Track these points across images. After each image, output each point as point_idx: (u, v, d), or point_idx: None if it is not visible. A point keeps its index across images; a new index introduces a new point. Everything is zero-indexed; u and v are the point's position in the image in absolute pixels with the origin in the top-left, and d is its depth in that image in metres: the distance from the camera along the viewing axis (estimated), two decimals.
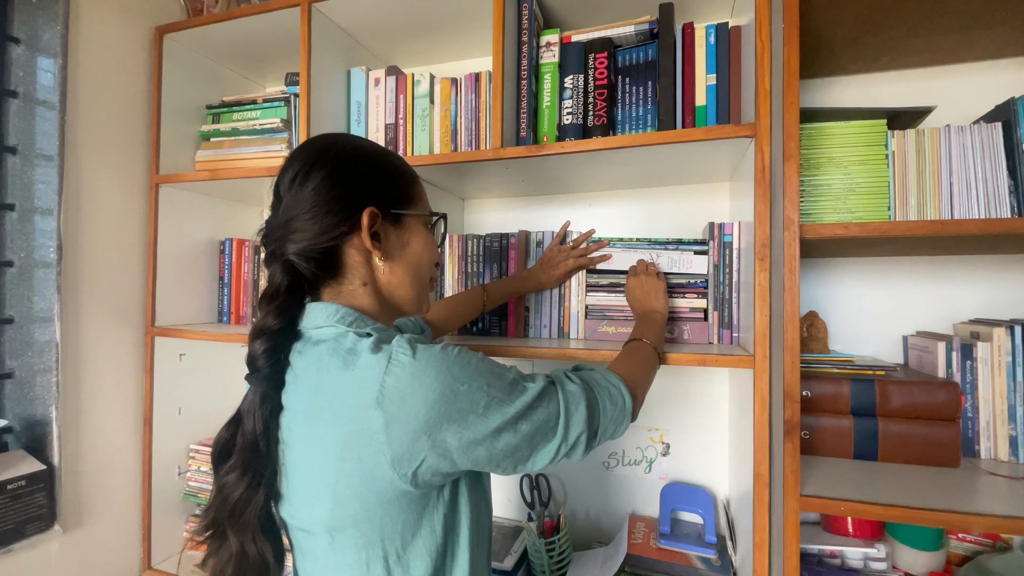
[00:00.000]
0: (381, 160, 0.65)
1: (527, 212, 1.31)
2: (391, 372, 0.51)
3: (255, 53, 1.35)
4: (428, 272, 0.68)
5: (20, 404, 1.12)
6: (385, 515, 0.53)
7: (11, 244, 1.13)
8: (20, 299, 1.12)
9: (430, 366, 0.51)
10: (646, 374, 0.75)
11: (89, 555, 1.16)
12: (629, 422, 0.65)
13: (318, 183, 0.59)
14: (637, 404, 0.68)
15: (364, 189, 0.61)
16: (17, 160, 1.14)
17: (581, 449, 0.59)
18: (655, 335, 0.83)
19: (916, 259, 1.03)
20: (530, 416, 0.55)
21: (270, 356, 0.57)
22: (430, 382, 0.51)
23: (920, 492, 0.72)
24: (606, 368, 0.70)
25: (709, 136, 0.85)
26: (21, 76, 1.15)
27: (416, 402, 0.50)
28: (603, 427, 0.62)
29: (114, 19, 1.22)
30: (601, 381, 0.65)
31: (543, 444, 0.57)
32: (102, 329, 1.19)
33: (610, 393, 0.64)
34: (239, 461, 0.57)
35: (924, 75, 1.00)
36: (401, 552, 0.55)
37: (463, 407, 0.51)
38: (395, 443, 0.50)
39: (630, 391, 0.66)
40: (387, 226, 0.63)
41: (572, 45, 1.05)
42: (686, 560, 0.99)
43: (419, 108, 1.15)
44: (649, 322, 0.88)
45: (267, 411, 0.57)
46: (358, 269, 0.61)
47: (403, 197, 0.65)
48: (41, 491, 1.07)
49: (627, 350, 0.79)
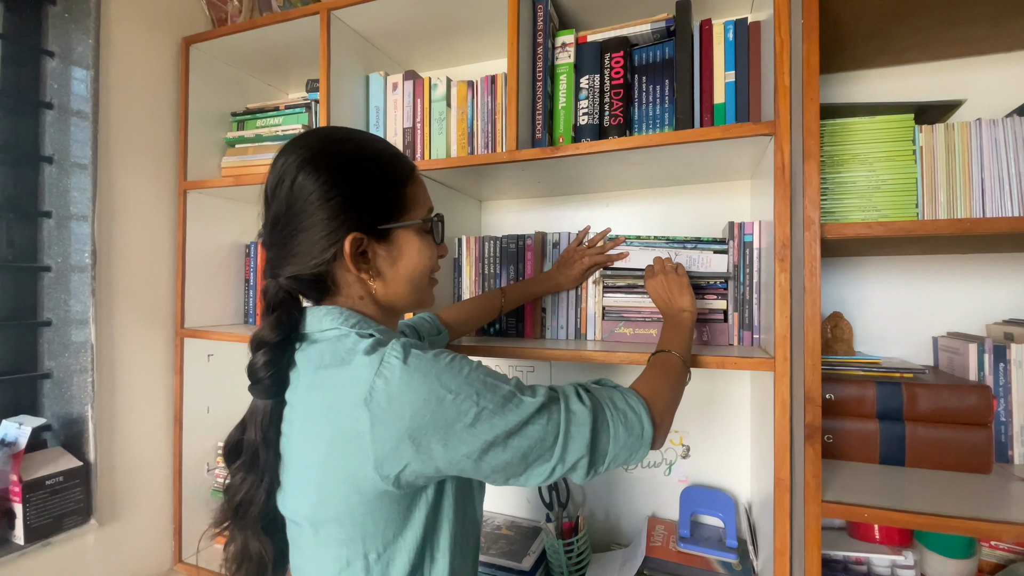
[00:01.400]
0: (363, 172, 0.59)
1: (544, 213, 1.31)
2: (381, 374, 0.51)
3: (277, 60, 1.38)
4: (426, 276, 0.66)
5: (58, 403, 1.18)
6: (367, 513, 0.54)
7: (49, 250, 1.18)
8: (57, 302, 1.17)
9: (419, 371, 0.52)
10: (674, 395, 0.69)
11: (123, 549, 1.21)
12: (648, 450, 0.61)
13: (301, 206, 0.57)
14: (661, 432, 0.63)
15: (345, 213, 0.57)
16: (54, 169, 1.19)
17: (582, 472, 0.56)
18: (683, 343, 0.78)
19: (947, 257, 0.99)
20: (524, 432, 0.53)
21: (270, 367, 0.59)
22: (417, 387, 0.51)
23: (949, 499, 0.70)
24: (631, 386, 0.66)
25: (727, 135, 0.83)
26: (56, 88, 1.20)
27: (402, 406, 0.50)
28: (612, 454, 0.58)
29: (143, 31, 1.26)
30: (620, 403, 0.60)
31: (538, 463, 0.54)
32: (134, 331, 1.24)
33: (626, 418, 0.59)
34: (244, 462, 0.60)
35: (954, 67, 0.96)
36: (381, 550, 0.55)
37: (449, 416, 0.51)
38: (379, 444, 0.50)
39: (653, 418, 0.61)
40: (374, 245, 0.60)
41: (588, 45, 1.04)
42: (706, 564, 0.98)
43: (436, 111, 1.16)
44: (677, 325, 0.83)
45: (268, 419, 0.60)
46: (352, 286, 0.61)
47: (390, 210, 0.61)
48: (78, 486, 1.11)
49: (655, 364, 0.73)
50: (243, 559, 0.62)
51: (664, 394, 0.66)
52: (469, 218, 1.31)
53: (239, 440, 0.62)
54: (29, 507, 1.04)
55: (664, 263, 0.94)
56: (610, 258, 1.03)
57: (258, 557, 0.61)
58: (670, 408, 0.67)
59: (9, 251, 1.16)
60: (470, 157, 1.03)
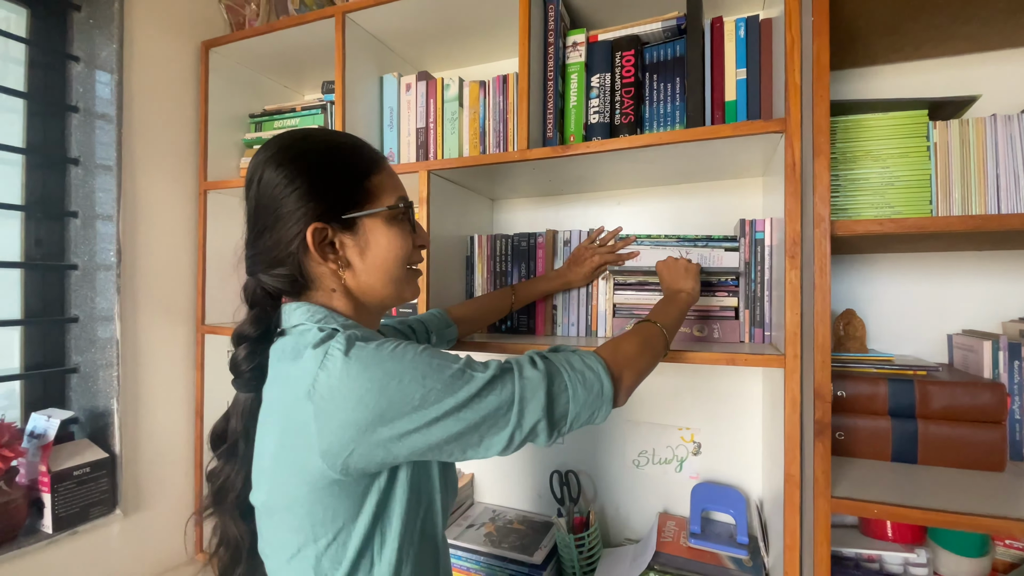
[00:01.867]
0: (324, 164, 0.61)
1: (555, 211, 1.32)
2: (324, 366, 0.53)
3: (293, 62, 1.41)
4: (400, 266, 0.65)
5: (85, 396, 1.22)
6: (316, 502, 0.55)
7: (75, 249, 1.22)
8: (84, 299, 1.21)
9: (359, 362, 0.52)
10: (641, 355, 0.69)
11: (147, 538, 1.25)
12: (610, 407, 0.62)
13: (260, 204, 0.60)
14: (621, 388, 0.64)
15: (306, 204, 0.58)
16: (79, 171, 1.23)
17: (543, 436, 0.57)
18: (670, 316, 0.80)
19: (962, 254, 0.98)
20: (475, 405, 0.54)
21: (250, 361, 0.62)
22: (358, 377, 0.52)
23: (961, 496, 0.70)
24: (593, 350, 0.66)
25: (737, 132, 0.84)
26: (81, 92, 1.24)
27: (344, 397, 0.51)
28: (573, 413, 0.59)
29: (164, 35, 1.30)
30: (576, 364, 0.61)
31: (493, 432, 0.55)
32: (157, 327, 1.28)
33: (584, 378, 0.60)
34: (225, 450, 0.64)
35: (968, 62, 0.95)
36: (331, 538, 0.56)
37: (395, 400, 0.52)
38: (324, 435, 0.52)
39: (612, 375, 0.63)
40: (341, 234, 0.60)
41: (599, 44, 1.05)
42: (717, 560, 0.99)
43: (449, 111, 1.17)
44: (670, 302, 0.84)
45: (247, 411, 0.63)
46: (325, 278, 0.62)
47: (354, 199, 0.61)
48: (104, 477, 1.15)
49: (632, 330, 0.75)
50: (222, 542, 0.65)
51: (628, 354, 0.67)
52: (481, 216, 1.32)
53: (224, 429, 0.66)
54: (57, 497, 1.08)
55: (680, 259, 0.96)
56: (620, 257, 1.04)
57: (235, 541, 0.64)
58: (633, 367, 0.67)
59: (37, 250, 1.20)
60: (482, 157, 1.04)
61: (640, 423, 1.22)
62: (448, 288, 1.13)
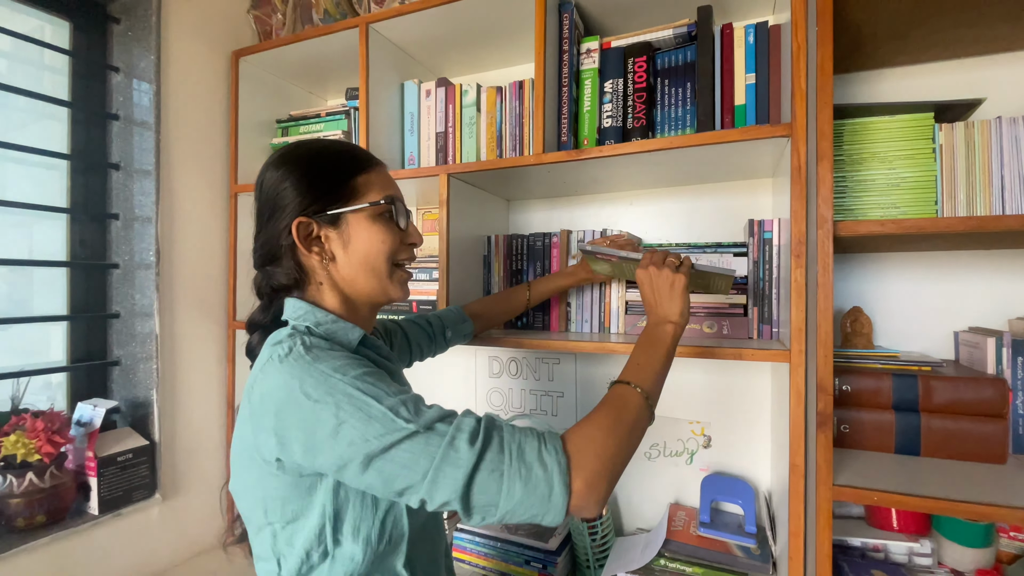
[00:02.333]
0: (303, 166, 0.65)
1: (569, 212, 1.36)
2: (264, 370, 0.57)
3: (317, 70, 1.47)
4: (383, 261, 0.66)
5: (126, 388, 1.29)
6: (266, 489, 0.59)
7: (117, 249, 1.30)
8: (125, 296, 1.29)
9: (287, 373, 0.54)
10: (622, 445, 0.57)
11: (183, 522, 1.33)
12: (562, 515, 0.51)
13: (261, 203, 0.66)
14: (586, 497, 0.52)
15: (292, 200, 0.63)
16: (120, 175, 1.30)
17: (464, 517, 0.52)
18: (652, 371, 0.68)
19: (970, 253, 1.00)
20: (388, 456, 0.50)
21: (261, 347, 0.67)
22: (280, 387, 0.54)
23: (961, 485, 0.73)
24: (567, 431, 0.56)
25: (745, 137, 0.87)
26: (121, 101, 1.31)
27: (268, 403, 0.55)
28: (503, 510, 0.51)
29: (197, 46, 1.36)
30: (529, 455, 0.52)
31: (408, 492, 0.51)
32: (192, 322, 1.35)
33: (529, 475, 0.51)
34: None
35: (974, 65, 0.97)
36: (283, 525, 0.59)
37: (308, 421, 0.52)
38: (255, 435, 0.56)
39: (571, 481, 0.51)
40: (326, 228, 0.64)
41: (612, 51, 1.09)
42: (725, 548, 1.02)
43: (467, 116, 1.22)
44: (653, 343, 0.72)
45: None
46: (315, 272, 0.66)
47: (337, 196, 0.64)
48: (144, 463, 1.23)
49: (608, 402, 0.62)
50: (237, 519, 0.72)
51: (605, 448, 0.55)
52: (497, 217, 1.37)
53: None
54: (103, 481, 1.15)
55: (666, 256, 0.80)
56: None
57: None
58: (610, 464, 0.54)
59: (82, 250, 1.28)
60: (499, 161, 1.09)
61: None
62: (466, 286, 1.18)
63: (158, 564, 1.26)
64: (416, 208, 1.49)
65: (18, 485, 1.04)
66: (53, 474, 1.08)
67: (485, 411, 1.17)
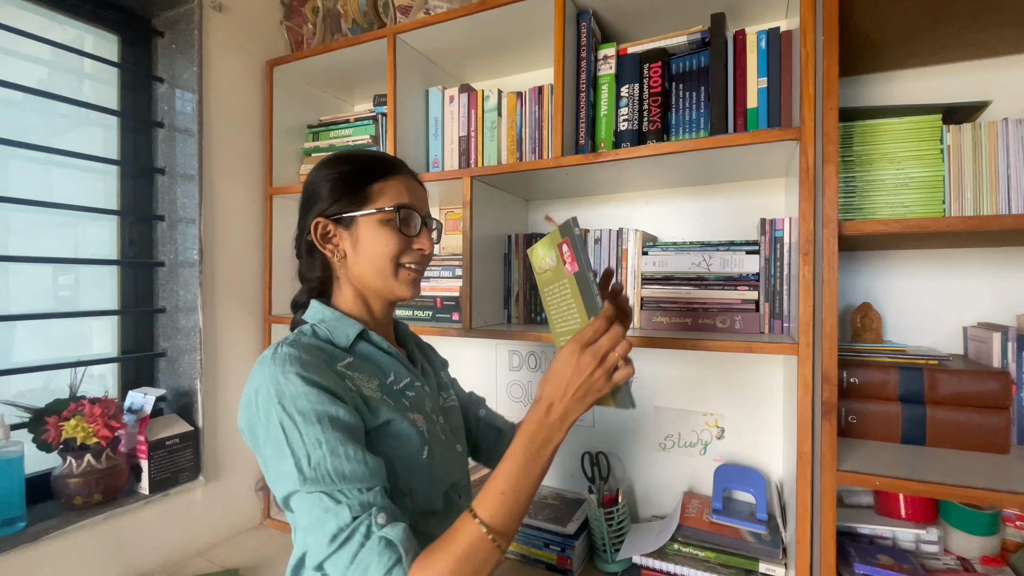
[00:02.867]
0: (334, 170, 0.74)
1: (587, 211, 1.41)
2: (258, 360, 0.65)
3: (346, 77, 1.54)
4: (389, 262, 0.72)
5: (171, 377, 1.39)
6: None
7: (163, 248, 1.39)
8: (170, 292, 1.38)
9: (261, 373, 0.62)
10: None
11: (224, 504, 1.42)
12: None
13: (301, 200, 0.77)
14: None
15: (314, 203, 0.74)
16: (165, 179, 1.39)
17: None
18: (519, 503, 0.60)
19: (980, 250, 1.03)
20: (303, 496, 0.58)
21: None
22: (252, 385, 0.63)
23: (963, 473, 0.76)
24: (418, 564, 0.55)
25: (756, 140, 0.91)
26: (165, 110, 1.40)
27: (245, 394, 0.64)
28: None
29: (234, 56, 1.45)
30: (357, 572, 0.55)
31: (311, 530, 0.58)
32: (232, 317, 1.44)
33: None
34: None
35: (982, 67, 0.99)
36: None
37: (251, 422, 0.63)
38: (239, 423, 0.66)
39: None
40: (340, 230, 0.73)
41: (628, 57, 1.13)
42: (737, 534, 1.07)
43: (488, 121, 1.28)
44: (526, 446, 0.61)
45: None
46: (335, 267, 0.76)
47: (352, 201, 0.72)
48: (190, 448, 1.32)
49: (458, 540, 0.57)
50: None
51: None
52: (517, 216, 1.42)
53: None
54: (153, 463, 1.24)
55: (613, 340, 0.62)
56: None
57: None
58: None
59: (131, 249, 1.37)
60: (519, 164, 1.14)
61: (666, 409, 1.30)
62: (487, 283, 1.24)
63: (202, 542, 1.36)
64: (440, 208, 1.55)
65: (77, 466, 1.14)
66: (108, 456, 1.17)
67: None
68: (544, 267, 0.73)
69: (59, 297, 1.29)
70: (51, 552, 1.06)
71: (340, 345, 0.71)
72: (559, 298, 0.71)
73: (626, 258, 1.18)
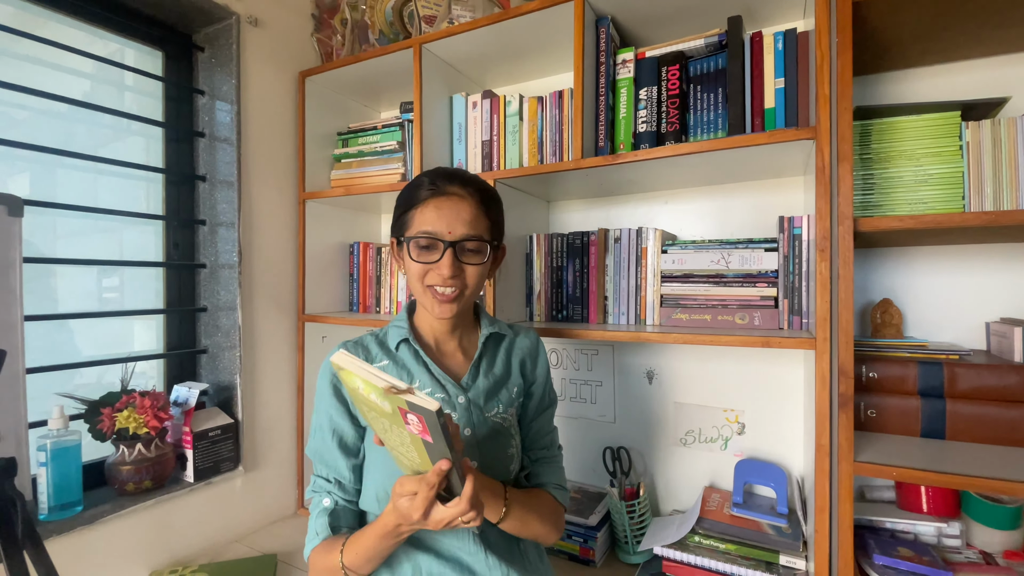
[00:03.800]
0: (401, 193, 0.85)
1: (606, 211, 1.44)
2: None
3: (372, 85, 1.61)
4: (418, 283, 0.81)
5: (212, 373, 1.47)
6: None
7: (204, 250, 1.48)
8: (211, 293, 1.46)
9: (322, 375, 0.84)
10: None
11: (261, 492, 1.49)
12: None
13: None
14: None
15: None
16: (206, 186, 1.48)
17: None
18: (358, 557, 0.74)
19: (1002, 245, 1.02)
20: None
21: None
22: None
23: (981, 465, 0.77)
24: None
25: (773, 140, 0.93)
26: (206, 120, 1.48)
27: None
28: None
29: (270, 69, 1.52)
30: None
31: None
32: (268, 316, 1.51)
33: None
34: None
35: (1001, 63, 1.00)
36: None
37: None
38: None
39: None
40: (397, 248, 0.85)
41: (646, 60, 1.16)
42: (757, 527, 1.08)
43: (510, 125, 1.32)
44: (382, 539, 0.71)
45: None
46: None
47: (400, 226, 0.84)
48: (230, 439, 1.39)
49: (332, 548, 0.79)
50: None
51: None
52: (538, 217, 1.46)
53: None
54: (197, 453, 1.32)
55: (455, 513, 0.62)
56: None
57: None
58: None
59: (175, 252, 1.46)
60: (540, 166, 1.18)
61: (687, 405, 1.33)
62: (510, 282, 1.29)
63: (241, 528, 1.43)
64: None
65: (129, 454, 1.22)
66: (157, 446, 1.25)
67: None
68: (362, 397, 0.61)
69: (103, 299, 1.38)
70: (105, 534, 1.15)
71: (389, 347, 0.86)
72: (391, 432, 0.62)
73: (645, 256, 1.21)
